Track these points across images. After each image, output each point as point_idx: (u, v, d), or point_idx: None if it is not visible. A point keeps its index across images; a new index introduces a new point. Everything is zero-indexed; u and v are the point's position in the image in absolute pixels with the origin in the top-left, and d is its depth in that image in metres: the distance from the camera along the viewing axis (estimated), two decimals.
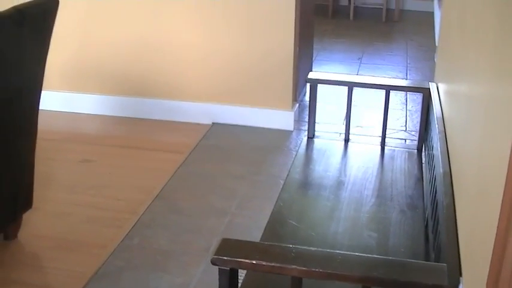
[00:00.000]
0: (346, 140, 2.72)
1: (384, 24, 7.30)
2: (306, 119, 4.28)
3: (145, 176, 3.50)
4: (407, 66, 5.62)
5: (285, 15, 3.90)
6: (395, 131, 4.09)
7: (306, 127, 4.13)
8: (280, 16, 3.91)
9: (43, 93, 4.34)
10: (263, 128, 4.10)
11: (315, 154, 2.61)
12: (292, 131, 4.08)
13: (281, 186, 3.36)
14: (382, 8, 7.51)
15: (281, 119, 4.08)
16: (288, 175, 2.42)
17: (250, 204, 3.22)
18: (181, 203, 3.22)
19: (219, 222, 3.05)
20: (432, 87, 2.61)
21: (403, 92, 5.05)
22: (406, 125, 4.22)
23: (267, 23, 3.94)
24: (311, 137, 2.73)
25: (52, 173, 3.52)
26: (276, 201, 2.23)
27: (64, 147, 3.87)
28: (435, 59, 5.15)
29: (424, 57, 5.87)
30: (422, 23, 7.28)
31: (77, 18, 4.21)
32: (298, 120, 4.23)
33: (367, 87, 2.68)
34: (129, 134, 4.05)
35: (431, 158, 2.32)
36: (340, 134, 4.03)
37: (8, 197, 2.70)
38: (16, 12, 2.40)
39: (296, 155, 2.58)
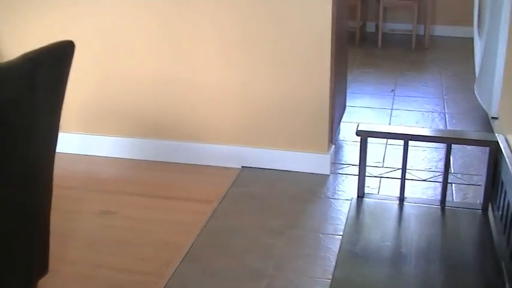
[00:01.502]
0: (401, 199, 2.40)
1: (414, 52, 6.99)
2: (343, 161, 3.99)
3: (172, 230, 3.19)
4: (443, 98, 5.30)
5: (319, 49, 3.60)
6: (439, 173, 3.76)
7: (344, 170, 3.84)
8: (315, 50, 3.60)
9: (60, 135, 4.07)
10: (297, 173, 3.79)
11: (367, 218, 2.29)
12: (328, 175, 3.76)
13: (321, 242, 3.07)
14: (411, 35, 7.21)
15: (316, 162, 3.77)
16: (340, 247, 2.10)
17: (290, 264, 2.89)
18: (213, 263, 2.91)
19: (256, 287, 2.73)
20: (501, 140, 2.29)
21: (442, 119, 4.75)
22: (451, 167, 3.90)
23: (300, 59, 3.64)
24: (361, 196, 2.41)
25: (69, 228, 3.23)
26: (331, 283, 1.91)
27: (82, 196, 3.58)
28: (475, 92, 4.83)
29: (461, 88, 5.55)
30: (454, 50, 6.99)
31: (94, 58, 3.94)
32: (334, 163, 3.92)
33: (426, 141, 2.37)
34: (152, 181, 3.75)
35: (508, 227, 2.00)
36: (380, 178, 3.72)
37: (21, 266, 2.40)
38: (27, 61, 2.10)
39: (347, 220, 2.26)
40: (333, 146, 3.97)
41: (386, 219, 2.27)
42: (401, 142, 2.36)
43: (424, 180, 3.69)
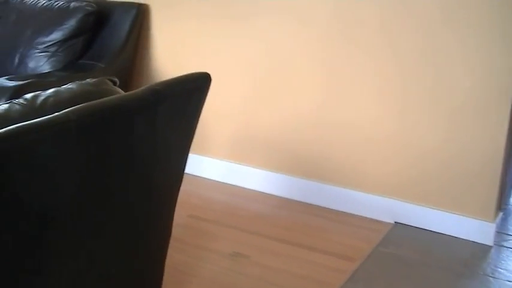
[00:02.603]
0: None
1: None
2: (511, 231, 3.49)
3: (304, 287, 2.86)
4: None
5: (496, 97, 3.16)
6: None
7: (511, 243, 3.34)
8: (490, 98, 3.17)
9: (206, 159, 3.88)
10: (455, 238, 3.34)
11: None
12: (491, 247, 3.28)
13: None
14: None
15: (478, 229, 3.30)
16: None
17: None
18: None
19: None
20: None
21: None
22: None
23: (470, 106, 3.22)
24: None
25: (192, 265, 2.97)
26: None
27: (215, 231, 3.33)
28: None
29: None
30: None
31: (251, 87, 3.73)
32: (500, 232, 3.44)
33: None
34: (293, 224, 3.44)
35: None
36: None
37: None
38: (151, 93, 1.86)
39: None
40: (501, 213, 3.49)
41: None
42: None
43: None
